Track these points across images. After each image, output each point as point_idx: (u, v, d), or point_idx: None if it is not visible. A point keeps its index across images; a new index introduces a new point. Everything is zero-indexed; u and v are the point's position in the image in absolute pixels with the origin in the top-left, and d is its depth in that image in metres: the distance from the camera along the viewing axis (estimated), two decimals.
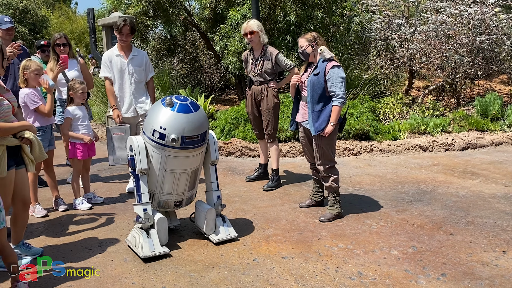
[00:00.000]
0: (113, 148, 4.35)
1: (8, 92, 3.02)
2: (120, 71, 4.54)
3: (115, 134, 4.35)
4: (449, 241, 3.40)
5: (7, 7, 20.09)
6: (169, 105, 3.11)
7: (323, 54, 3.73)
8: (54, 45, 4.72)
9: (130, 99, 4.60)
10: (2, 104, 2.82)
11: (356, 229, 3.68)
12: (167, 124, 3.07)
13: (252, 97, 4.77)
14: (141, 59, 4.61)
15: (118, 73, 4.55)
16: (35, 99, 3.89)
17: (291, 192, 4.68)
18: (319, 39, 3.84)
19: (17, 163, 2.98)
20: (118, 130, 4.39)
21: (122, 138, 4.35)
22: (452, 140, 6.43)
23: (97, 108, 9.33)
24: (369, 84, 7.82)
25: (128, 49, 4.57)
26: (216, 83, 10.83)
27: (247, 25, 4.59)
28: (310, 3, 7.80)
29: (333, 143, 3.88)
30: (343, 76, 3.71)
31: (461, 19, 7.74)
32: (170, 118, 3.08)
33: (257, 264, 3.09)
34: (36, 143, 2.95)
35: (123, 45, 4.52)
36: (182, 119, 3.08)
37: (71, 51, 4.85)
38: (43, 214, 4.09)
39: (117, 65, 4.53)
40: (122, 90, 4.59)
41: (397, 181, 5.01)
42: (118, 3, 9.33)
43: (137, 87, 4.61)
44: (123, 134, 4.35)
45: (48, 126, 4.12)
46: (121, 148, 4.35)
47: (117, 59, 4.54)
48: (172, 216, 3.69)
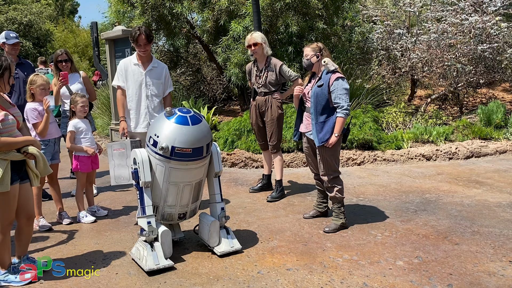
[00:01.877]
0: (114, 166, 4.01)
1: (14, 107, 3.05)
2: (136, 82, 4.15)
3: (115, 150, 3.99)
4: (455, 251, 3.38)
5: (11, 22, 20.33)
6: (169, 114, 3.15)
7: (327, 66, 3.75)
8: (57, 62, 4.88)
9: (145, 113, 4.18)
10: (6, 119, 2.85)
11: (361, 239, 3.66)
12: (161, 132, 3.11)
13: (256, 108, 4.79)
14: (160, 72, 4.22)
15: (133, 84, 4.16)
16: (34, 116, 3.94)
17: (295, 203, 4.67)
18: (324, 50, 3.86)
19: (21, 177, 3.00)
20: (118, 145, 4.02)
21: (123, 154, 3.98)
22: (455, 149, 6.41)
23: (101, 120, 9.38)
24: (371, 94, 7.83)
25: (148, 59, 4.19)
26: (218, 94, 10.89)
27: (251, 37, 4.64)
28: (312, 14, 7.85)
29: (337, 153, 3.88)
30: (347, 87, 3.72)
31: (462, 28, 7.77)
32: (165, 127, 3.11)
33: (262, 276, 3.08)
34: (40, 158, 2.97)
35: (142, 56, 4.15)
36: (175, 129, 3.09)
37: (73, 66, 5.03)
38: (47, 228, 4.09)
39: (133, 75, 4.16)
40: (136, 103, 4.18)
41: (401, 190, 4.99)
42: (121, 16, 9.42)
43: (153, 101, 4.19)
44: (124, 150, 3.98)
45: (51, 140, 4.15)
46: (122, 166, 3.99)
47: (135, 68, 4.16)
48: (176, 228, 3.68)
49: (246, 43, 4.69)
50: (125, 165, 3.98)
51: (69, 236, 3.94)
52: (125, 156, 3.98)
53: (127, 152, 3.95)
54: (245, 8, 7.60)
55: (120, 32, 7.80)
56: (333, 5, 8.15)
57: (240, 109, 9.69)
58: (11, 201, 2.91)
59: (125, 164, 3.98)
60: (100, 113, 9.61)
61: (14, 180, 2.89)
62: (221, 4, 7.69)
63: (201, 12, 8.32)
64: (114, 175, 4.01)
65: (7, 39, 4.75)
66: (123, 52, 8.06)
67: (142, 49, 4.08)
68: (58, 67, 4.94)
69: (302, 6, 7.70)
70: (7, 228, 2.96)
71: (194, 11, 8.66)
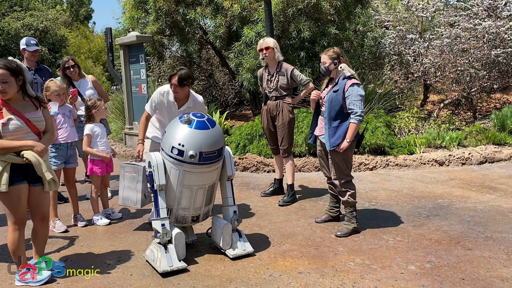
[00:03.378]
0: (124, 187, 4.03)
1: (36, 111, 3.08)
2: (171, 115, 4.07)
3: (128, 172, 4.01)
4: (468, 256, 3.37)
5: (28, 28, 20.72)
6: (187, 122, 3.19)
7: (343, 71, 3.77)
8: (64, 68, 5.00)
9: None
10: (7, 123, 2.90)
11: (373, 244, 3.67)
12: (186, 141, 3.14)
13: (268, 113, 4.83)
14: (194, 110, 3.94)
15: (168, 115, 4.11)
16: None
17: (306, 207, 4.69)
18: (342, 56, 3.86)
19: (31, 180, 3.04)
20: (131, 168, 4.00)
21: (134, 178, 3.99)
22: (469, 154, 6.37)
23: (115, 125, 9.50)
24: (384, 99, 7.83)
25: (183, 98, 4.07)
26: (230, 99, 10.97)
27: (264, 41, 4.70)
28: (324, 20, 7.89)
29: (349, 158, 3.89)
30: (362, 94, 3.73)
31: (475, 33, 7.74)
32: (188, 135, 3.15)
33: (274, 279, 3.11)
34: (37, 163, 2.95)
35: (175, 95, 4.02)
36: (199, 135, 3.15)
37: (80, 72, 5.19)
38: (63, 230, 4.17)
39: (167, 109, 4.10)
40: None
41: (414, 195, 4.98)
42: (135, 22, 9.57)
43: None
44: (136, 174, 3.98)
45: (63, 144, 4.21)
46: (131, 189, 4.00)
47: (170, 103, 4.07)
48: (189, 231, 3.73)
49: (258, 47, 4.75)
50: (134, 189, 3.98)
51: (84, 238, 4.01)
52: (135, 180, 3.97)
53: (138, 177, 3.96)
54: (257, 14, 7.67)
55: (134, 38, 7.92)
56: (345, 11, 8.18)
57: (252, 113, 9.75)
58: (13, 202, 2.94)
59: (134, 188, 3.98)
60: (114, 117, 9.73)
61: (15, 181, 2.92)
62: (234, 10, 7.77)
63: (214, 18, 8.42)
64: (122, 196, 4.06)
65: (27, 45, 4.89)
66: (137, 57, 8.18)
67: (173, 90, 3.97)
68: (66, 74, 5.07)
69: (314, 11, 7.75)
70: (18, 226, 3.01)
71: (207, 17, 8.76)
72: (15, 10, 21.85)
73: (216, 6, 8.35)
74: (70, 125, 4.30)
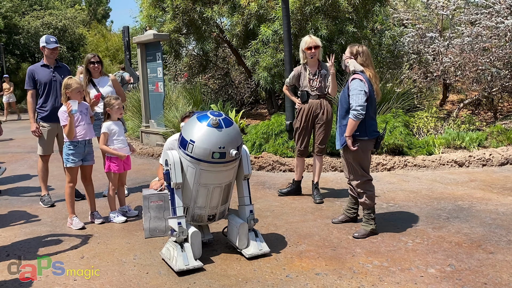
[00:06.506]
0: (150, 218, 3.88)
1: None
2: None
3: (153, 202, 3.88)
4: (490, 260, 3.28)
5: (47, 27, 21.04)
6: (216, 124, 3.14)
7: (349, 67, 3.71)
8: (88, 63, 5.04)
9: None
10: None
11: (391, 246, 3.60)
12: (225, 143, 3.12)
13: (310, 111, 4.80)
14: None
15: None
16: (64, 118, 4.13)
17: (323, 207, 4.64)
18: (359, 55, 3.73)
19: None
20: (157, 198, 3.89)
21: (161, 206, 3.88)
22: (489, 155, 6.23)
23: (132, 123, 9.57)
24: (402, 98, 7.71)
25: None
26: (246, 97, 10.95)
27: (312, 39, 4.69)
28: (341, 18, 7.81)
29: (361, 158, 3.77)
30: (361, 87, 3.57)
31: (497, 32, 7.56)
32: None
33: (290, 280, 3.07)
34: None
35: None
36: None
37: (102, 69, 5.23)
38: (80, 227, 4.20)
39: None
40: None
41: (433, 197, 4.88)
42: (152, 21, 9.61)
43: None
44: (162, 202, 3.88)
45: (81, 142, 4.24)
46: (159, 218, 3.89)
47: None
48: (205, 230, 3.72)
49: (305, 45, 4.69)
50: (162, 217, 3.90)
51: (101, 235, 4.03)
52: (163, 208, 3.89)
53: (166, 204, 3.87)
54: (274, 12, 7.63)
55: (151, 36, 7.96)
56: (363, 8, 8.09)
57: (268, 112, 9.71)
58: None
59: (162, 217, 3.90)
60: (131, 115, 9.80)
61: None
62: (251, 8, 7.74)
63: (231, 16, 8.40)
64: (149, 228, 3.89)
65: (47, 43, 4.94)
66: (154, 56, 8.21)
67: None
68: (88, 69, 5.11)
69: (332, 9, 7.68)
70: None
71: (224, 15, 8.75)
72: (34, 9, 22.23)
73: (233, 4, 8.33)
74: (87, 122, 4.32)
